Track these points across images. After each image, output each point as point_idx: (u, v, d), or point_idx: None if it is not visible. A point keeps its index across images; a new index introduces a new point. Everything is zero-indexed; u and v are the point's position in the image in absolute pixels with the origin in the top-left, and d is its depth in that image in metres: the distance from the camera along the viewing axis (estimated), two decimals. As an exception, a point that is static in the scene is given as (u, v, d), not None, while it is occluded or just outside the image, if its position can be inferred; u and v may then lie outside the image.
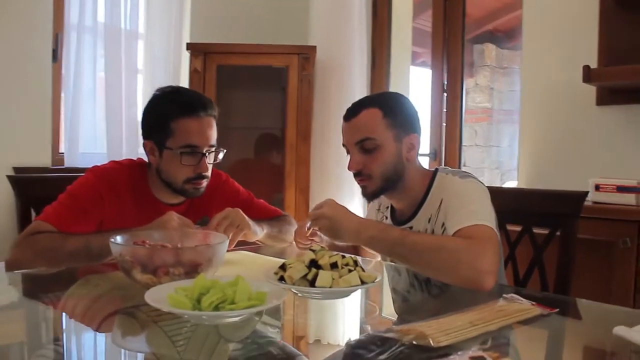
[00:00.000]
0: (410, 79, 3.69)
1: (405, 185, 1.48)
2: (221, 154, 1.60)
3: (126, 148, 3.01)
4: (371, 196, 1.49)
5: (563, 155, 2.57)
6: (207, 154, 1.55)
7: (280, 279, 1.11)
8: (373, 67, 3.50)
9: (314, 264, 1.11)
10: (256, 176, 3.34)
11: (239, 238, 1.52)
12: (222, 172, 1.80)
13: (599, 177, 2.17)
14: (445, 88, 3.19)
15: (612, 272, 1.96)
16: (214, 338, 0.93)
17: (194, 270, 1.11)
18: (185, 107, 1.52)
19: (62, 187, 1.54)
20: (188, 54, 3.15)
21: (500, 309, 1.00)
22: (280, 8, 3.68)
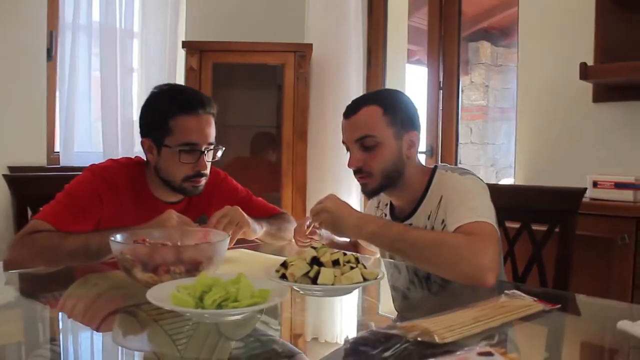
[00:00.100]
0: (406, 77, 3.69)
1: (405, 182, 1.48)
2: (220, 151, 1.59)
3: (122, 147, 2.99)
4: (371, 194, 1.50)
5: (559, 152, 2.57)
6: (205, 152, 1.54)
7: (282, 276, 1.10)
8: (369, 64, 3.50)
9: (315, 261, 1.11)
10: (252, 175, 3.33)
11: (238, 236, 1.51)
12: (221, 170, 1.79)
13: (596, 173, 2.17)
14: (441, 86, 3.19)
15: (610, 268, 1.97)
16: (215, 336, 0.93)
17: (195, 269, 1.10)
18: (183, 104, 1.51)
19: (58, 186, 1.53)
20: (183, 52, 3.14)
21: (503, 305, 1.00)
22: (276, 6, 3.67)
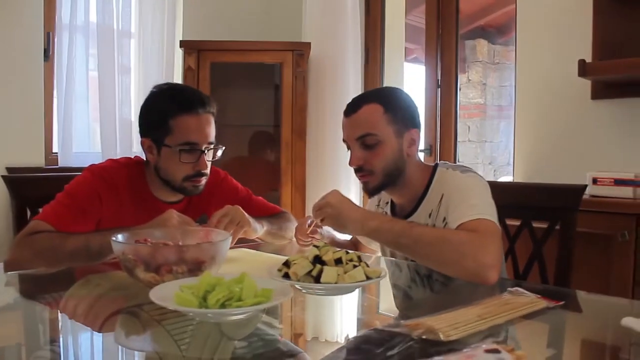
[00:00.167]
0: (404, 75, 3.68)
1: (406, 180, 1.48)
2: (220, 151, 1.59)
3: (120, 147, 2.99)
4: (372, 192, 1.49)
5: (558, 150, 2.57)
6: (205, 151, 1.54)
7: (285, 275, 1.10)
8: (367, 63, 3.50)
9: (318, 260, 1.10)
10: (251, 174, 3.33)
11: (239, 235, 1.51)
12: (221, 169, 1.79)
13: (596, 170, 2.18)
14: (439, 84, 3.19)
15: (611, 265, 1.97)
16: (217, 336, 0.92)
17: (197, 268, 1.10)
18: (183, 104, 1.50)
19: (57, 186, 1.53)
20: (180, 52, 3.13)
21: (506, 302, 1.00)
22: (273, 4, 3.66)
